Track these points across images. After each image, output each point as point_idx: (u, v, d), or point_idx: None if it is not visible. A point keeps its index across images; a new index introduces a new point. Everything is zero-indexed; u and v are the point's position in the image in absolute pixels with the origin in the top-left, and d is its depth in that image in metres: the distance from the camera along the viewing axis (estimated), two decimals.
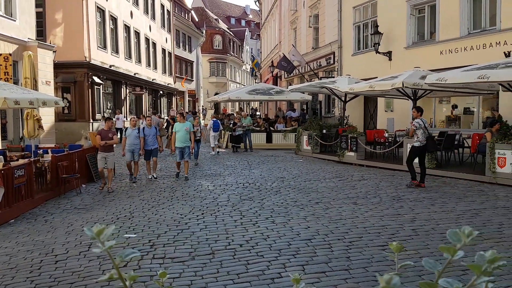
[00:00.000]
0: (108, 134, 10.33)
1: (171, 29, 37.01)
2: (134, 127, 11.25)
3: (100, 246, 0.94)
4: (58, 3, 20.01)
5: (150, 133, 11.37)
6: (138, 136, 11.08)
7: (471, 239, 0.83)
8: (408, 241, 5.74)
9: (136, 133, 11.09)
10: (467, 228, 0.83)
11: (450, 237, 0.86)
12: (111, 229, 0.93)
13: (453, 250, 0.83)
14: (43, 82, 16.00)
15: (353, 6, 19.14)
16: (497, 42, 12.54)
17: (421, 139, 9.31)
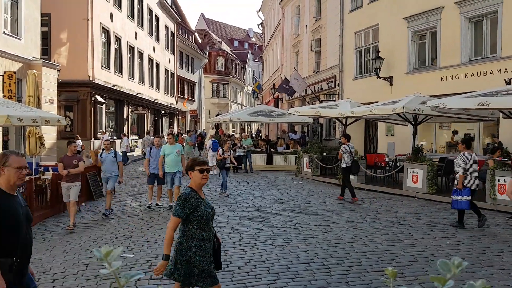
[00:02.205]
0: (72, 161, 8.74)
1: (175, 50, 37.53)
2: (109, 150, 9.86)
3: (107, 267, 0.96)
4: (63, 22, 20.38)
5: (158, 155, 10.22)
6: (115, 161, 9.70)
7: (460, 269, 0.85)
8: (407, 267, 5.70)
9: (112, 157, 9.69)
10: (457, 259, 0.85)
11: (440, 267, 0.88)
12: (119, 250, 0.95)
13: (443, 280, 0.86)
14: (46, 100, 16.15)
15: (355, 31, 19.45)
16: (498, 69, 12.69)
17: (347, 162, 10.96)
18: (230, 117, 23.42)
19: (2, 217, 2.89)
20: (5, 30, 14.67)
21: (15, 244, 2.95)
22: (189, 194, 3.62)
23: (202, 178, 3.70)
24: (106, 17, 22.62)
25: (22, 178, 3.10)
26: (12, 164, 3.01)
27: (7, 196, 3.00)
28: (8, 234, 2.90)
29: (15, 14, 15.29)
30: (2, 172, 3.00)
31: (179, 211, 3.56)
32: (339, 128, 20.18)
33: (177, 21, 37.70)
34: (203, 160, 3.94)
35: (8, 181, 3.01)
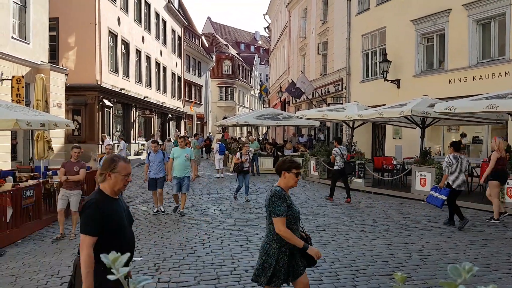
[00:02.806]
0: (74, 167, 8.04)
1: (182, 54, 37.70)
2: None
3: (115, 273, 0.97)
4: (71, 27, 20.55)
5: (156, 159, 9.97)
6: None
7: (471, 275, 0.84)
8: (416, 270, 5.65)
9: None
10: (467, 264, 0.84)
11: (451, 272, 0.87)
12: (125, 256, 0.95)
13: (453, 285, 0.84)
14: (54, 104, 16.28)
15: (362, 34, 19.41)
16: (506, 72, 12.58)
17: (339, 164, 11.45)
18: (237, 120, 23.44)
19: (106, 221, 2.89)
20: (14, 35, 14.82)
21: (119, 247, 2.93)
22: (282, 192, 3.56)
23: (295, 182, 3.65)
24: (114, 21, 22.79)
25: (126, 184, 3.10)
26: (121, 171, 3.01)
27: (111, 200, 3.00)
28: (112, 238, 2.90)
29: (23, 18, 15.45)
30: (109, 177, 3.00)
31: (281, 210, 3.47)
32: (346, 131, 20.12)
33: (184, 25, 37.88)
34: (300, 163, 3.90)
35: (114, 186, 3.02)
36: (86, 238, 2.84)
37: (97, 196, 3.00)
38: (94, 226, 2.85)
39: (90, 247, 2.82)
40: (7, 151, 14.32)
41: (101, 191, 3.02)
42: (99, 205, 2.92)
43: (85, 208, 2.93)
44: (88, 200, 2.98)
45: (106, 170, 3.02)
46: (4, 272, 6.20)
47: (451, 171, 8.20)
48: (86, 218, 2.90)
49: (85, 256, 2.80)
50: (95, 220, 2.86)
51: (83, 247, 2.83)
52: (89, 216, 2.88)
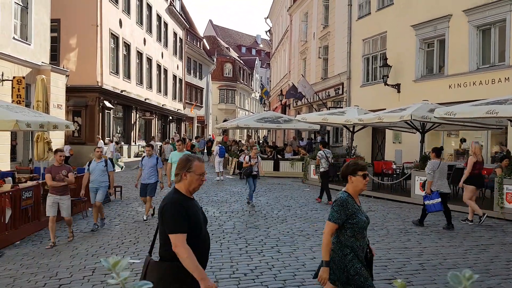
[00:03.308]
0: (61, 172, 7.80)
1: (183, 56, 37.77)
2: (99, 159, 8.98)
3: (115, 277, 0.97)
4: (72, 28, 20.60)
5: (148, 164, 9.53)
6: (106, 171, 8.88)
7: (471, 282, 0.84)
8: (415, 275, 5.64)
9: (102, 167, 8.87)
10: (467, 272, 0.84)
11: (451, 280, 0.87)
12: (126, 261, 0.95)
13: None
14: (55, 105, 16.30)
15: (363, 38, 19.45)
16: (506, 77, 12.60)
17: (324, 166, 11.92)
18: (237, 123, 23.46)
19: (187, 220, 2.85)
20: (15, 36, 14.86)
21: (197, 247, 2.89)
22: (346, 199, 3.39)
23: (364, 184, 3.46)
24: (115, 23, 22.84)
25: (201, 184, 3.07)
26: (196, 170, 2.98)
27: (188, 199, 2.98)
28: (190, 237, 2.85)
29: (25, 19, 15.49)
30: (184, 177, 2.97)
31: (335, 216, 3.34)
32: (346, 135, 20.13)
33: (185, 28, 37.97)
34: (365, 164, 3.71)
35: (189, 186, 2.98)
36: (178, 236, 2.79)
37: (176, 195, 2.96)
38: (183, 223, 2.81)
39: (185, 243, 2.78)
40: (7, 152, 14.32)
41: (178, 190, 2.99)
42: (182, 204, 2.90)
43: (168, 208, 2.88)
44: (168, 200, 2.94)
45: (182, 170, 2.99)
46: (2, 274, 6.19)
47: (433, 176, 8.49)
48: (173, 217, 2.84)
49: (185, 253, 2.75)
50: (182, 217, 2.83)
51: (179, 246, 2.78)
52: (176, 214, 2.84)
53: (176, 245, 2.79)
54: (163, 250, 2.91)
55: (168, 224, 2.85)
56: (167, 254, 2.86)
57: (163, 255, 2.91)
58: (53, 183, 7.64)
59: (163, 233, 2.90)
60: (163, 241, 2.89)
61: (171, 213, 2.86)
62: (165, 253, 2.89)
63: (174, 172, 3.10)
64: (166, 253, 2.88)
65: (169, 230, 2.83)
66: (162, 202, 2.97)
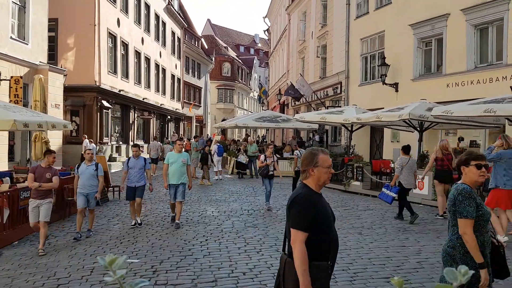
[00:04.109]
0: (46, 174, 7.32)
1: (181, 55, 37.73)
2: (90, 162, 8.35)
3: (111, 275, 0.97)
4: (70, 28, 20.55)
5: (136, 165, 8.93)
6: (96, 175, 8.25)
7: (467, 278, 0.85)
8: (413, 273, 5.65)
9: (92, 171, 8.21)
10: (463, 267, 0.84)
11: (446, 275, 0.88)
12: (122, 259, 0.95)
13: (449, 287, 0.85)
14: (53, 105, 16.26)
15: (361, 37, 19.46)
16: (504, 76, 12.63)
17: (299, 165, 11.53)
18: (236, 122, 23.47)
19: (316, 217, 2.76)
20: (12, 35, 14.82)
21: (327, 245, 2.79)
22: (471, 190, 3.12)
23: (480, 175, 3.19)
24: (113, 23, 22.80)
25: (330, 177, 2.94)
26: (323, 164, 2.88)
27: (318, 196, 2.88)
28: (321, 235, 2.75)
29: (23, 19, 15.45)
30: (312, 173, 2.87)
31: (470, 210, 3.03)
32: (345, 134, 20.15)
33: (183, 27, 37.92)
34: (481, 154, 3.47)
35: (318, 180, 2.88)
36: (298, 233, 2.70)
37: (306, 190, 2.86)
38: (307, 221, 2.71)
39: (303, 243, 2.67)
40: (5, 152, 14.29)
41: (307, 185, 2.89)
42: (310, 199, 2.80)
43: (296, 203, 2.80)
44: (297, 194, 2.84)
45: (309, 166, 2.89)
46: (0, 274, 6.18)
47: (401, 171, 9.32)
48: (299, 213, 2.76)
49: (299, 252, 2.65)
50: (308, 215, 2.73)
51: (296, 243, 2.69)
52: (302, 210, 2.75)
53: (294, 241, 2.70)
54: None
55: (293, 218, 2.77)
56: None
57: None
58: (34, 185, 7.15)
59: (290, 229, 2.80)
60: None
61: (298, 208, 2.77)
62: None
63: (301, 168, 2.96)
64: None
65: (292, 224, 2.76)
66: (291, 197, 2.88)
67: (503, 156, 7.28)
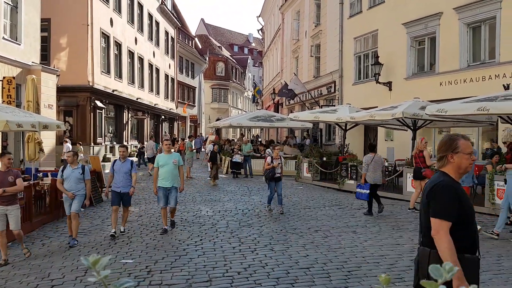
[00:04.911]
0: (7, 178, 6.74)
1: (175, 55, 37.62)
2: (75, 165, 7.82)
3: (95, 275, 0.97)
4: (63, 28, 20.43)
5: (122, 169, 8.19)
6: (83, 178, 7.75)
7: (451, 274, 0.85)
8: (407, 271, 5.68)
9: (78, 174, 7.71)
10: (448, 264, 0.85)
11: (432, 272, 0.88)
12: (106, 259, 0.95)
13: (435, 285, 0.86)
14: (46, 105, 16.15)
15: (354, 36, 19.52)
16: (496, 74, 12.72)
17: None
18: (230, 122, 23.45)
19: (460, 206, 2.59)
20: (5, 35, 14.71)
21: (472, 237, 2.63)
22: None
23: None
24: (106, 23, 22.70)
25: (471, 164, 2.75)
26: (464, 150, 2.69)
27: (457, 184, 2.69)
28: (464, 226, 2.60)
29: (15, 19, 15.34)
30: (451, 159, 2.68)
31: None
32: (339, 133, 20.20)
33: (177, 27, 37.81)
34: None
35: (459, 168, 2.69)
36: (443, 223, 2.54)
37: (446, 178, 2.67)
38: (452, 211, 2.55)
39: (448, 234, 2.51)
40: None
41: (446, 173, 2.70)
42: (453, 187, 2.62)
43: (438, 191, 2.62)
44: (438, 182, 2.66)
45: (447, 152, 2.71)
46: None
47: (367, 169, 9.72)
48: (442, 201, 2.59)
49: (447, 242, 2.49)
50: (453, 203, 2.57)
51: (441, 233, 2.53)
52: (446, 199, 2.58)
53: (438, 231, 2.55)
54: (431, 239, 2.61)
55: (435, 207, 2.60)
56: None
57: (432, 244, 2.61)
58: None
59: (428, 220, 2.63)
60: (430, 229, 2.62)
61: (441, 196, 2.60)
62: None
63: (437, 156, 2.78)
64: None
65: (434, 213, 2.59)
66: (430, 185, 2.70)
67: None
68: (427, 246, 2.67)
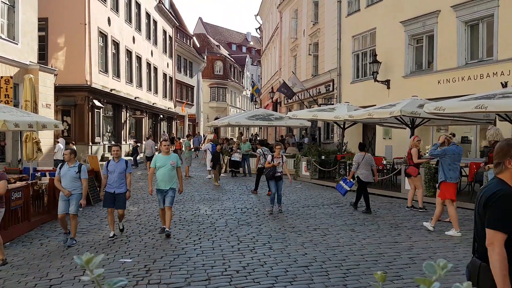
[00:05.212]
0: None
1: (173, 54, 37.58)
2: (72, 163, 7.63)
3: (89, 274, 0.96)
4: (60, 27, 20.38)
5: (116, 169, 7.86)
6: (79, 177, 7.56)
7: (445, 271, 0.85)
8: (405, 269, 5.69)
9: (74, 173, 7.52)
10: (441, 261, 0.85)
11: (426, 269, 0.88)
12: (99, 257, 0.95)
13: (428, 282, 0.86)
14: (43, 105, 16.12)
15: (352, 35, 19.52)
16: (494, 72, 12.74)
17: (262, 163, 12.35)
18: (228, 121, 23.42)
19: None
20: (2, 35, 14.67)
21: None
22: None
23: None
24: (104, 22, 22.65)
25: None
26: None
27: None
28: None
29: (12, 18, 15.29)
30: (509, 166, 2.56)
31: None
32: (337, 132, 20.21)
33: (175, 25, 37.76)
34: None
35: None
36: (497, 235, 2.43)
37: (504, 186, 2.55)
38: (509, 222, 2.44)
39: (502, 246, 2.41)
40: None
41: (503, 181, 2.57)
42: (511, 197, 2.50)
43: (496, 200, 2.49)
44: (496, 191, 2.52)
45: (505, 158, 2.57)
46: None
47: (357, 167, 10.04)
48: (499, 212, 2.47)
49: (499, 255, 2.39)
50: (511, 214, 2.45)
51: (495, 245, 2.42)
52: (504, 209, 2.46)
53: (492, 243, 2.45)
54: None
55: (490, 217, 2.49)
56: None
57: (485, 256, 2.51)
58: None
59: (483, 230, 2.53)
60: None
61: (499, 206, 2.47)
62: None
63: (493, 162, 2.66)
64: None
65: (489, 224, 2.48)
66: (486, 194, 2.57)
67: (447, 152, 7.90)
68: (479, 258, 2.58)
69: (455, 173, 7.85)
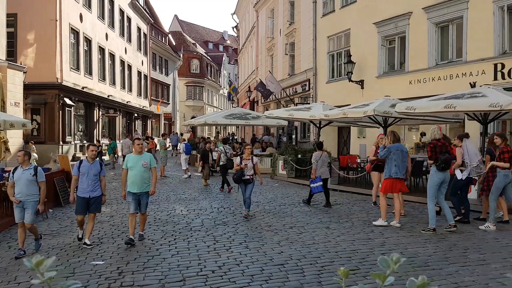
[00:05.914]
0: None
1: (148, 52, 37.08)
2: (26, 165, 6.96)
3: (39, 277, 0.93)
4: (30, 23, 19.81)
5: (91, 171, 7.24)
6: (35, 181, 6.93)
7: (398, 265, 0.87)
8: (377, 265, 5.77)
9: (30, 176, 6.87)
10: (395, 255, 0.87)
11: (380, 264, 0.90)
12: (50, 260, 0.92)
13: (383, 276, 0.88)
14: (12, 103, 15.65)
15: (327, 35, 19.71)
16: (463, 73, 13.11)
17: (223, 160, 13.56)
18: (205, 119, 23.30)
19: None
20: None
21: None
22: None
23: None
24: (75, 18, 22.14)
25: None
26: None
27: None
28: None
29: None
30: None
31: None
32: (313, 131, 20.39)
33: (149, 23, 37.27)
34: None
35: None
36: None
37: None
38: None
39: None
40: None
41: None
42: None
43: None
44: None
45: None
46: None
47: (317, 164, 10.47)
48: None
49: None
50: None
51: None
52: None
53: None
54: None
55: None
56: None
57: None
58: None
59: None
60: None
61: None
62: None
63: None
64: None
65: None
66: None
67: (391, 150, 8.29)
68: None
69: (399, 169, 8.21)
